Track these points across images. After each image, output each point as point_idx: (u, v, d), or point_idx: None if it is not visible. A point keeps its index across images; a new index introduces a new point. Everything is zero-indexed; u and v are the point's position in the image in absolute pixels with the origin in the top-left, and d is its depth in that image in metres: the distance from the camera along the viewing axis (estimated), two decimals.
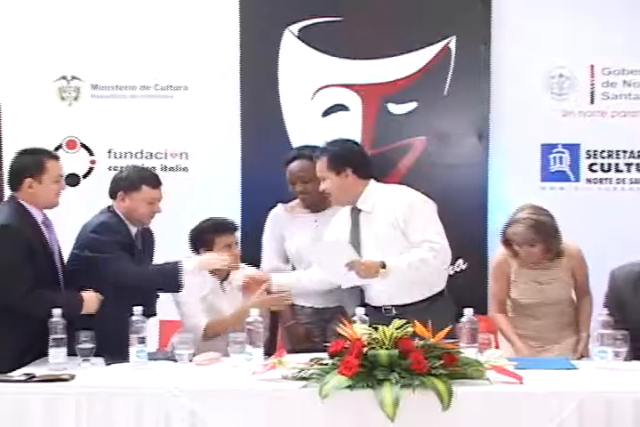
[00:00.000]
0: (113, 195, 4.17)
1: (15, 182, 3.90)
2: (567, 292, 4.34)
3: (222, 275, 4.38)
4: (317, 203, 4.51)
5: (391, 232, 4.05)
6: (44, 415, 3.31)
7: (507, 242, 4.30)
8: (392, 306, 4.09)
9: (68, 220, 4.12)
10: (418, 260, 3.95)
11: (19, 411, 3.31)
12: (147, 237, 4.29)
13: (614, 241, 4.91)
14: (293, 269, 4.57)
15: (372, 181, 4.21)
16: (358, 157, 4.21)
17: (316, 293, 4.41)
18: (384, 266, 3.91)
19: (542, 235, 4.19)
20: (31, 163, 3.89)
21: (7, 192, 5.00)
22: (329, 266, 4.08)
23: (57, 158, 4.00)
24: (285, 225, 4.61)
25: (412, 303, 4.07)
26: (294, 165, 4.53)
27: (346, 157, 4.14)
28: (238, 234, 4.44)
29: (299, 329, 4.58)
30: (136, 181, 4.14)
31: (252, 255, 4.63)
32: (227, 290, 4.40)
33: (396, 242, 4.04)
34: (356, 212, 4.18)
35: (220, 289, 4.39)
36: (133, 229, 4.17)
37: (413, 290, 4.07)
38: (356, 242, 4.12)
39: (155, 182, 4.19)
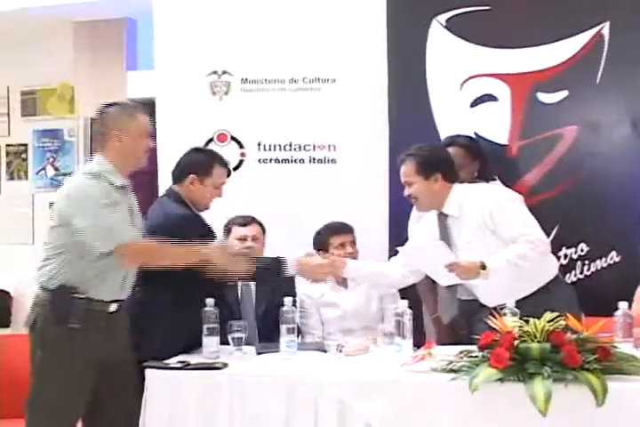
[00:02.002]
0: None
1: (180, 176, 4.04)
2: None
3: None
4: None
5: (482, 235, 3.98)
6: (198, 402, 3.41)
7: None
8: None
9: (217, 210, 4.21)
10: (516, 255, 3.85)
11: (175, 397, 3.44)
12: None
13: None
14: None
15: (456, 184, 4.15)
16: (447, 162, 4.17)
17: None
18: (484, 266, 3.82)
19: None
20: (201, 162, 4.04)
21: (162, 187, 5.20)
22: (426, 268, 4.07)
23: (225, 166, 4.15)
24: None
25: (526, 297, 3.94)
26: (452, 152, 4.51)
27: (435, 162, 4.10)
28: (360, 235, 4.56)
29: (444, 322, 4.55)
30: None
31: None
32: (350, 286, 4.55)
33: (489, 244, 3.95)
34: (442, 217, 4.12)
35: (339, 286, 4.55)
36: None
37: (522, 285, 3.96)
38: (447, 245, 4.04)
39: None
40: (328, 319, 4.53)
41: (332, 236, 4.53)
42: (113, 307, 3.60)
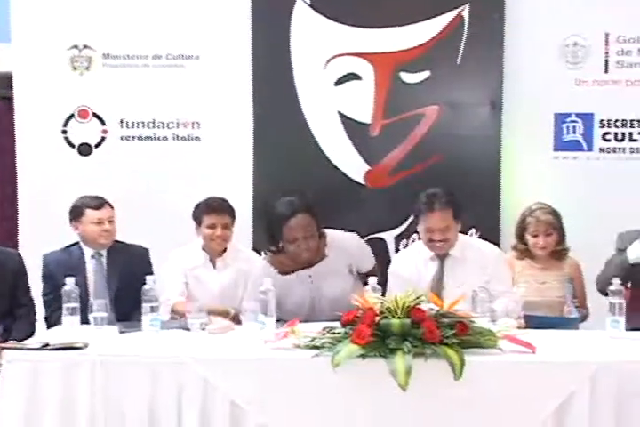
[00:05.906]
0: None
1: None
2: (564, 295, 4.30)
3: (216, 251, 4.41)
4: (314, 258, 4.16)
5: (476, 280, 3.96)
6: (58, 383, 3.33)
7: (521, 235, 4.38)
8: None
9: (78, 188, 4.13)
10: (508, 310, 3.93)
11: (34, 378, 3.34)
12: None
13: (627, 211, 4.84)
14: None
15: None
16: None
17: None
18: None
19: (558, 222, 4.32)
20: None
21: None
22: None
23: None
24: (278, 284, 3.93)
25: None
26: (297, 222, 4.01)
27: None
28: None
29: None
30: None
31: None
32: (218, 266, 4.43)
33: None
34: (442, 257, 4.13)
35: (210, 264, 4.43)
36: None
37: None
38: (438, 286, 4.08)
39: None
40: (195, 297, 4.34)
41: (205, 214, 4.37)
42: None
